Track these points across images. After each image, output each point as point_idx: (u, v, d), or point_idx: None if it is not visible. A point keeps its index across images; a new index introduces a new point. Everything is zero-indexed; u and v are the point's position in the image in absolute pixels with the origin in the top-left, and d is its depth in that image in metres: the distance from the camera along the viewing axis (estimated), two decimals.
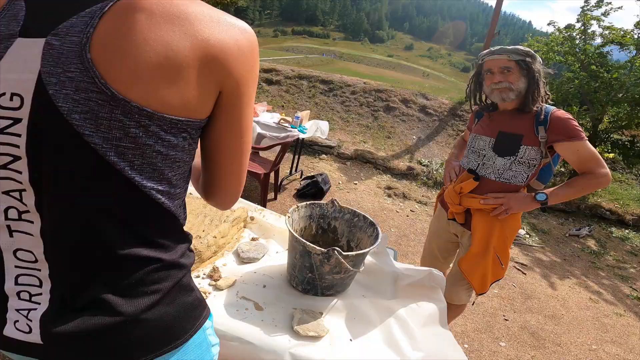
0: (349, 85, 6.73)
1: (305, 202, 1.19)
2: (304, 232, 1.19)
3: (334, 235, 1.22)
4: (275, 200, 3.56)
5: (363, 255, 0.99)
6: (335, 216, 1.21)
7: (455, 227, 1.63)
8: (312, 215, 1.20)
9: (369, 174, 4.81)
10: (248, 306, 0.98)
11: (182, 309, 0.55)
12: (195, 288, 0.60)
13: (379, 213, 3.75)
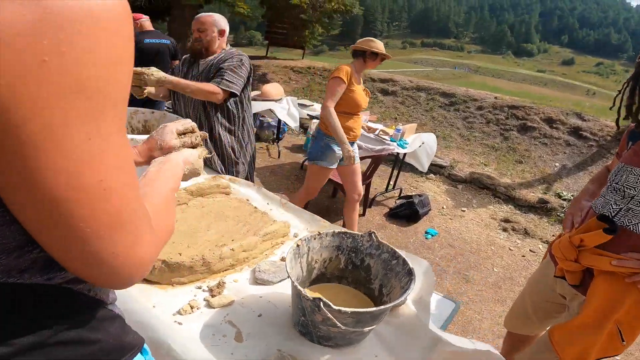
0: (475, 100, 5.96)
1: (333, 229, 0.96)
2: (327, 263, 0.96)
3: (366, 274, 0.95)
4: (363, 216, 3.32)
5: (369, 314, 0.70)
6: (370, 252, 0.94)
7: (563, 287, 1.17)
8: (341, 247, 0.96)
9: (483, 201, 4.11)
10: (228, 333, 0.82)
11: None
12: (95, 340, 0.49)
13: (484, 248, 3.12)
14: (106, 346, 0.50)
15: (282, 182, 3.87)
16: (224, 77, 1.86)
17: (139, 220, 0.39)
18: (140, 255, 0.40)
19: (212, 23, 1.95)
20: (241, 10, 4.71)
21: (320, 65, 8.56)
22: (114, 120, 0.34)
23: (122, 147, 0.36)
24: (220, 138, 2.03)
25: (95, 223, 0.35)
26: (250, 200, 1.50)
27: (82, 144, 0.31)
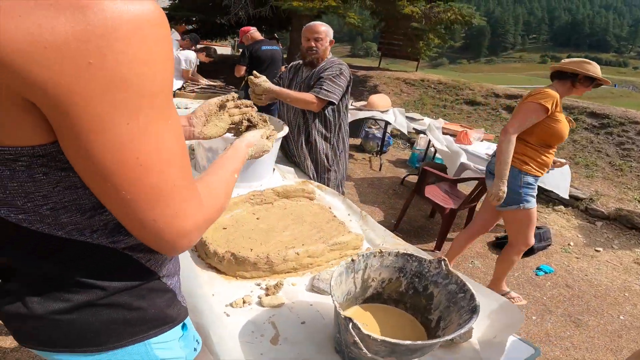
0: (636, 123, 4.83)
1: (398, 249, 0.87)
2: (386, 284, 0.87)
3: (427, 303, 0.83)
4: None
5: (406, 347, 0.60)
6: (436, 280, 0.82)
7: None
8: (404, 269, 0.86)
9: (629, 243, 3.29)
10: (266, 333, 0.82)
11: (100, 323, 0.54)
12: (138, 307, 0.57)
13: (614, 293, 2.53)
14: (147, 315, 0.57)
15: (379, 196, 3.78)
16: (322, 86, 1.88)
17: (180, 195, 0.44)
18: (181, 226, 0.45)
19: (326, 33, 1.96)
20: (352, 21, 4.79)
21: (435, 78, 8.17)
22: (153, 109, 0.39)
23: (162, 132, 0.41)
24: (316, 144, 2.06)
25: (136, 193, 0.41)
26: (332, 209, 1.50)
27: (122, 128, 0.38)
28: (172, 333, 0.63)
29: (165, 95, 0.41)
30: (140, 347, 0.58)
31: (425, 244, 2.91)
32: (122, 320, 0.55)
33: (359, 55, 29.80)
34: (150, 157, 0.40)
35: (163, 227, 0.43)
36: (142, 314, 0.57)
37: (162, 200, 0.42)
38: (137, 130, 0.38)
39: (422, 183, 2.78)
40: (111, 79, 0.35)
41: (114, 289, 0.54)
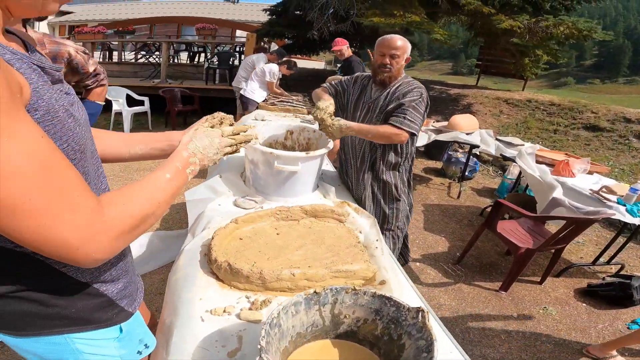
0: None
1: (375, 291, 0.77)
2: (361, 324, 0.78)
3: (398, 354, 0.72)
4: (540, 285, 2.55)
5: None
6: (410, 332, 0.70)
7: None
8: (380, 312, 0.76)
9: None
10: (228, 345, 0.81)
11: (13, 312, 0.60)
12: (55, 305, 0.62)
13: None
14: (66, 313, 0.62)
15: (449, 225, 3.45)
16: (406, 115, 1.67)
17: (42, 208, 0.44)
18: (58, 237, 0.45)
19: (404, 49, 1.73)
20: (437, 37, 4.51)
21: (546, 98, 7.20)
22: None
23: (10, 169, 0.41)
24: (383, 173, 1.87)
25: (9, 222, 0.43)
26: (362, 233, 1.42)
27: None
28: (101, 333, 0.67)
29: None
30: (60, 338, 0.64)
31: (490, 282, 2.56)
32: (36, 314, 0.61)
33: (461, 73, 27.83)
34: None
35: (35, 239, 0.44)
36: (59, 311, 0.63)
37: (18, 214, 0.42)
38: None
39: (495, 216, 2.45)
40: None
41: (24, 285, 0.59)
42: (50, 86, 0.54)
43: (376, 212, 1.93)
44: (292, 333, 0.74)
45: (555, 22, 4.73)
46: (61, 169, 0.46)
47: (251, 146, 1.58)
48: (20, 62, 0.50)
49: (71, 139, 0.55)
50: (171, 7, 16.51)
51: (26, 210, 0.43)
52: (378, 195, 1.91)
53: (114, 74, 8.13)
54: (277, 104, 3.75)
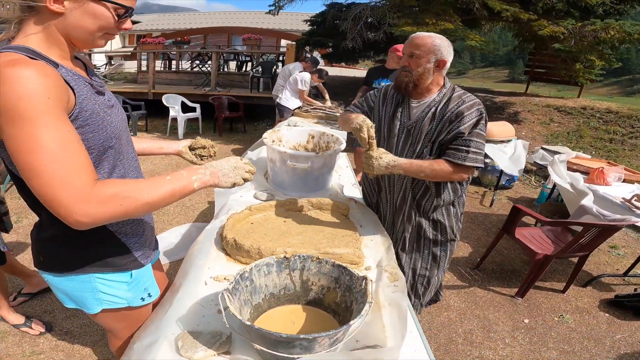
0: None
1: (334, 261, 0.93)
2: (325, 292, 0.94)
3: (350, 318, 0.86)
4: (562, 293, 2.49)
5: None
6: (357, 298, 0.85)
7: None
8: (339, 280, 0.91)
9: None
10: (220, 305, 0.97)
11: (59, 254, 0.87)
12: (90, 249, 0.87)
13: None
14: (94, 256, 0.87)
15: (475, 232, 3.43)
16: (470, 148, 1.33)
17: (51, 174, 0.65)
18: (54, 195, 0.65)
19: (430, 48, 1.35)
20: (473, 43, 4.42)
21: (603, 106, 6.72)
22: (33, 132, 0.64)
23: (37, 135, 0.64)
24: (435, 211, 1.53)
25: (22, 169, 0.65)
26: (362, 227, 1.56)
27: (21, 130, 0.64)
28: (116, 275, 0.92)
29: (37, 114, 0.63)
30: (87, 277, 0.89)
31: (507, 288, 2.55)
32: (74, 256, 0.87)
33: (518, 80, 26.26)
34: (27, 147, 0.64)
35: (43, 195, 0.65)
36: (91, 255, 0.88)
37: (35, 175, 0.64)
38: (19, 135, 0.64)
39: (513, 222, 2.44)
40: (3, 106, 0.62)
41: (68, 232, 0.80)
42: (95, 96, 0.81)
43: (423, 256, 1.60)
44: (265, 292, 0.92)
45: (603, 25, 4.47)
46: (74, 153, 0.68)
47: (271, 146, 1.81)
48: (77, 81, 0.77)
49: (110, 129, 0.82)
50: (222, 17, 17.70)
51: (42, 174, 0.64)
52: (428, 235, 1.55)
53: (173, 82, 8.95)
54: (311, 111, 3.97)
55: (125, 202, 0.71)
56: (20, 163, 0.65)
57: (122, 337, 1.08)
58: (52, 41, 0.74)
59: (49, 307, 2.08)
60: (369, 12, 5.94)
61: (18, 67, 0.64)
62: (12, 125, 0.63)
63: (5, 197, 3.43)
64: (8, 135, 0.64)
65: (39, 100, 0.64)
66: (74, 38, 0.76)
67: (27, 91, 0.63)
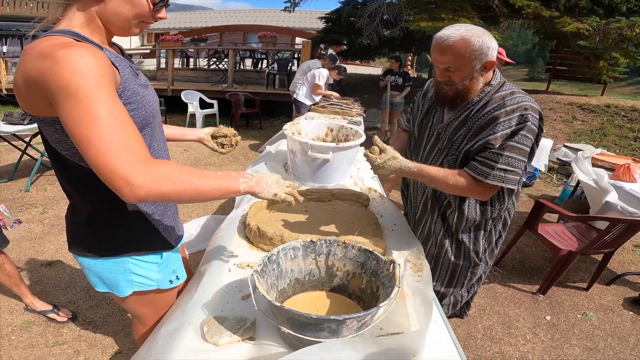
0: None
1: (360, 246, 0.92)
2: (350, 278, 0.94)
3: (376, 304, 0.86)
4: (586, 291, 2.43)
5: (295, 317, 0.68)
6: (384, 282, 0.84)
7: None
8: (365, 265, 0.91)
9: None
10: (244, 291, 0.97)
11: (98, 235, 0.90)
12: (127, 231, 0.90)
13: None
14: (129, 238, 0.90)
15: None
16: (497, 163, 1.11)
17: (108, 146, 0.67)
18: (110, 166, 0.67)
19: (471, 55, 1.09)
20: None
21: (628, 104, 6.50)
22: (89, 106, 0.66)
23: (93, 110, 0.67)
24: (459, 231, 1.32)
25: (79, 140, 0.67)
26: (382, 217, 1.56)
27: (77, 107, 0.66)
28: (148, 257, 0.94)
29: (91, 90, 0.66)
30: (120, 259, 0.92)
31: (529, 285, 2.50)
32: (109, 238, 0.89)
33: (538, 79, 25.59)
34: (90, 130, 0.67)
35: (99, 164, 0.67)
36: (125, 237, 0.91)
37: (92, 146, 0.66)
38: (81, 117, 0.66)
39: (536, 218, 2.39)
40: (62, 85, 0.65)
41: (105, 213, 0.86)
42: (135, 77, 0.85)
43: (440, 273, 1.43)
44: (290, 277, 0.93)
45: (628, 23, 4.32)
46: (127, 126, 0.71)
47: (291, 137, 1.82)
48: (120, 61, 0.81)
49: (148, 108, 0.86)
50: (238, 15, 17.82)
51: (98, 144, 0.66)
52: (449, 256, 1.38)
53: (191, 79, 9.08)
54: (327, 106, 3.97)
55: (178, 182, 0.73)
56: (77, 135, 0.67)
57: (147, 323, 1.11)
58: (94, 27, 0.78)
59: (73, 297, 2.14)
60: (385, 9, 5.89)
61: (70, 49, 0.66)
62: (69, 101, 0.66)
63: (31, 189, 3.55)
64: (65, 111, 0.66)
65: (93, 77, 0.67)
66: (112, 24, 0.79)
67: (82, 69, 0.66)
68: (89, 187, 0.82)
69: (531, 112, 1.10)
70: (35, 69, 0.66)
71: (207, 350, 0.80)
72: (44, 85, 0.66)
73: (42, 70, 0.66)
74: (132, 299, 1.00)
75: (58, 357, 1.73)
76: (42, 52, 0.66)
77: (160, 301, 1.06)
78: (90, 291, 2.18)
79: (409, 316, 0.93)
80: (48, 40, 0.68)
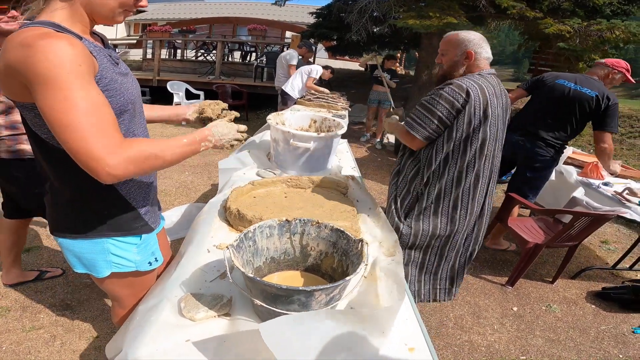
0: None
1: (332, 225, 0.98)
2: (323, 257, 1.00)
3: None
4: (551, 284, 2.57)
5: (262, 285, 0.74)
6: (353, 260, 0.90)
7: None
8: (337, 245, 0.97)
9: None
10: (222, 270, 1.01)
11: (76, 216, 0.93)
12: (106, 213, 0.94)
13: None
14: (108, 219, 0.93)
15: None
16: (412, 114, 1.55)
17: (84, 131, 0.71)
18: (87, 149, 0.71)
19: (454, 42, 1.53)
20: None
21: None
22: (65, 94, 0.70)
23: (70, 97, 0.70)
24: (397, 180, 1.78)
25: (55, 125, 0.71)
26: (359, 202, 1.62)
27: (50, 95, 0.70)
28: (127, 238, 0.97)
29: (67, 78, 0.70)
30: (99, 240, 0.95)
31: (498, 277, 2.62)
32: (91, 219, 0.93)
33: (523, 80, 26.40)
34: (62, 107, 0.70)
35: (75, 147, 0.71)
36: (105, 218, 0.94)
37: (69, 131, 0.71)
38: (52, 97, 0.70)
39: (506, 211, 2.50)
40: (38, 73, 0.69)
41: (86, 195, 0.89)
42: (113, 66, 0.88)
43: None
44: (266, 255, 0.97)
45: (608, 25, 4.50)
46: (104, 113, 0.75)
47: (274, 126, 1.86)
48: (98, 51, 0.84)
49: (126, 94, 0.89)
50: (228, 7, 17.60)
51: (75, 128, 0.71)
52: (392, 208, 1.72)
53: (177, 70, 8.96)
54: (313, 99, 4.02)
55: (150, 159, 0.80)
56: (54, 121, 0.71)
57: (126, 305, 1.13)
58: (76, 17, 0.81)
59: (50, 283, 2.14)
60: (374, 5, 5.95)
61: (50, 39, 0.70)
62: (46, 89, 0.70)
63: None
64: (42, 98, 0.70)
65: (71, 66, 0.71)
66: (97, 14, 0.83)
67: (60, 59, 0.70)
68: (69, 168, 0.84)
69: (453, 86, 1.43)
70: (16, 57, 0.70)
71: (183, 325, 0.84)
72: (22, 72, 0.70)
73: (22, 58, 0.69)
74: (111, 280, 1.03)
75: (34, 342, 1.73)
76: (23, 42, 0.70)
77: (138, 283, 1.09)
78: (68, 277, 2.18)
79: (379, 296, 0.98)
80: (29, 31, 0.71)
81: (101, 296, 2.05)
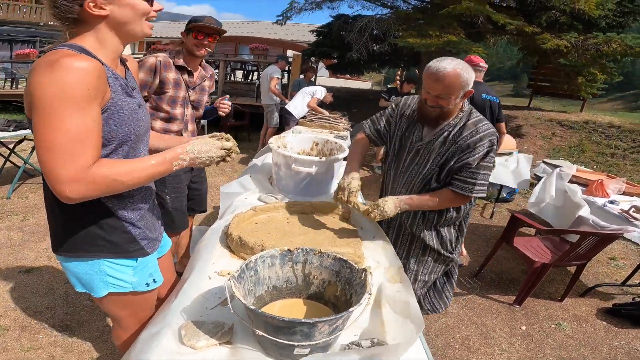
0: None
1: (335, 254, 0.97)
2: (326, 286, 0.98)
3: None
4: (560, 302, 2.52)
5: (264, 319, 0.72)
6: (356, 290, 0.89)
7: None
8: (340, 274, 0.96)
9: None
10: (222, 297, 1.00)
11: (63, 237, 0.94)
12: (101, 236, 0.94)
13: None
14: (105, 242, 0.94)
15: (475, 242, 3.46)
16: (477, 180, 1.40)
17: (57, 155, 0.75)
18: (57, 172, 0.75)
19: (459, 86, 1.32)
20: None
21: (606, 120, 6.77)
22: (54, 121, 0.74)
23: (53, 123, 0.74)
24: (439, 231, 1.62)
25: (37, 147, 0.76)
26: (363, 229, 1.61)
27: (46, 120, 0.75)
28: (123, 261, 0.98)
29: (56, 106, 0.73)
30: (96, 261, 0.96)
31: (506, 296, 2.58)
32: (88, 240, 0.93)
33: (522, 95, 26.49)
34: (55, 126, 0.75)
35: (47, 168, 0.75)
36: (102, 240, 0.95)
37: (49, 151, 0.75)
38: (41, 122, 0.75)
39: (512, 231, 2.48)
40: (38, 101, 0.74)
41: (86, 216, 0.91)
42: (126, 96, 0.91)
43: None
44: (268, 284, 0.97)
45: (605, 39, 4.56)
46: (90, 139, 0.78)
47: (276, 150, 1.87)
48: (115, 81, 0.87)
49: (133, 125, 0.92)
50: (230, 26, 17.98)
51: (52, 150, 0.75)
52: (433, 245, 1.63)
53: None
54: (315, 120, 4.06)
55: (112, 184, 0.82)
56: (43, 135, 0.75)
57: (126, 326, 1.12)
58: (104, 42, 0.86)
59: (51, 303, 2.12)
60: (374, 24, 6.08)
61: (73, 59, 0.75)
62: (38, 109, 0.74)
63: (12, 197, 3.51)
64: (35, 117, 0.75)
65: (80, 89, 0.75)
66: (125, 32, 0.87)
67: (73, 79, 0.74)
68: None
69: (495, 137, 1.42)
70: (30, 78, 0.75)
71: (184, 353, 0.83)
72: (30, 92, 0.75)
73: (30, 79, 0.75)
74: (109, 300, 1.03)
75: None
76: (34, 65, 0.76)
77: (137, 303, 1.08)
78: (68, 298, 2.16)
79: (384, 323, 0.96)
80: (54, 54, 0.76)
81: (101, 318, 2.03)
